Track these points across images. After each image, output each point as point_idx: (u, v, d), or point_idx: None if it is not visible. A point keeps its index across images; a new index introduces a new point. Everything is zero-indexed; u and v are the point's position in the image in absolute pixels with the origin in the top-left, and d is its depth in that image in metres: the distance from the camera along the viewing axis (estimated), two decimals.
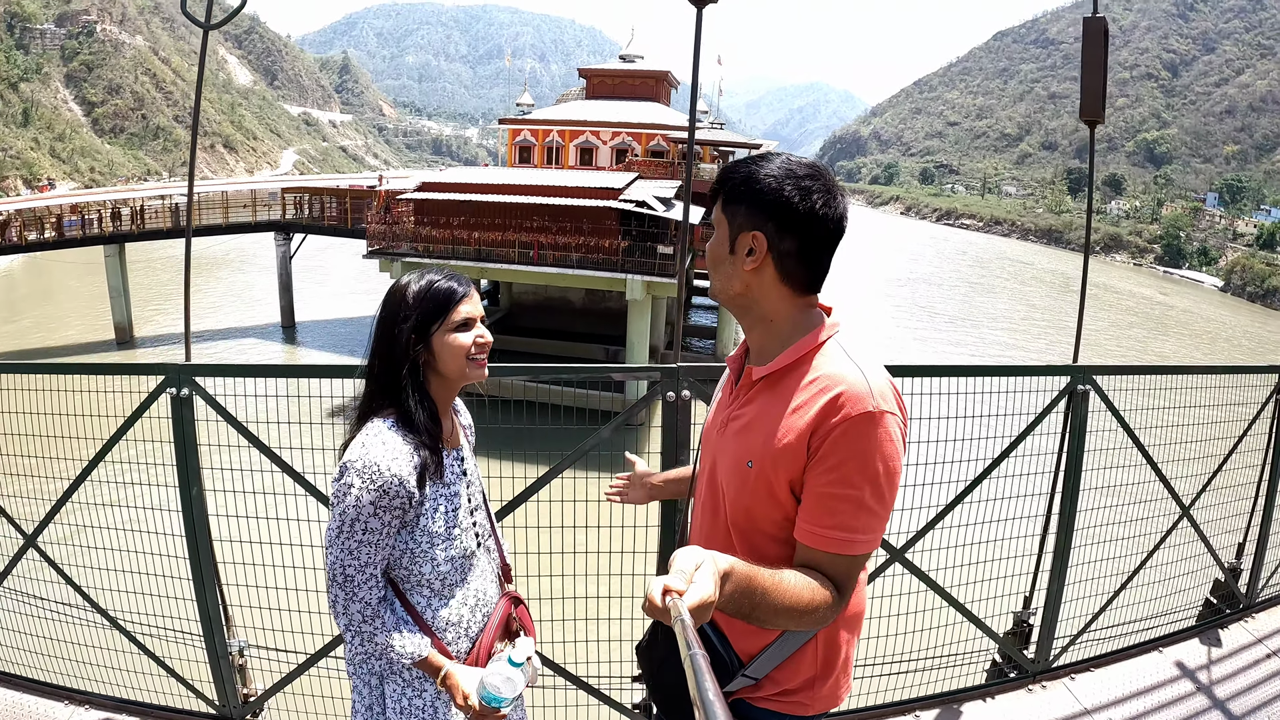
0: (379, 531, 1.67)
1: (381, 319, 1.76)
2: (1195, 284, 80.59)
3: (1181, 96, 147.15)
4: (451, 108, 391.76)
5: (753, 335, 1.57)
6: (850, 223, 1.53)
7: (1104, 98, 3.38)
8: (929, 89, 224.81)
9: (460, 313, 1.76)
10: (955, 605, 3.53)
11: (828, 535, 1.42)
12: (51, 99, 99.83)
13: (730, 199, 1.50)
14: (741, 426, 1.54)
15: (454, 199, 26.12)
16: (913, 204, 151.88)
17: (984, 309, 51.80)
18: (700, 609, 1.08)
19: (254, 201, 34.21)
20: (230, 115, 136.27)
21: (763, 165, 1.47)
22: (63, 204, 33.62)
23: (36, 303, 39.13)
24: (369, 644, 1.72)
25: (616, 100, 38.41)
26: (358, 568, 1.67)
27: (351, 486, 1.65)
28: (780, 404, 1.47)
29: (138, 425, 3.06)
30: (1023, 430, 3.48)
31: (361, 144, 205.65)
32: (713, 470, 1.62)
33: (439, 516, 1.76)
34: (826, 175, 1.48)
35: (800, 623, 1.40)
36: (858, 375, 1.42)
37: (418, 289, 1.75)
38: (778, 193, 1.44)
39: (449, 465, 1.82)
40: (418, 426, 1.73)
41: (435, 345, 1.75)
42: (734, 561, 1.25)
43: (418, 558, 1.75)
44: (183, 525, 3.05)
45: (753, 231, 1.47)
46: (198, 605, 3.11)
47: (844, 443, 1.38)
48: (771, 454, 1.45)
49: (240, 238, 36.92)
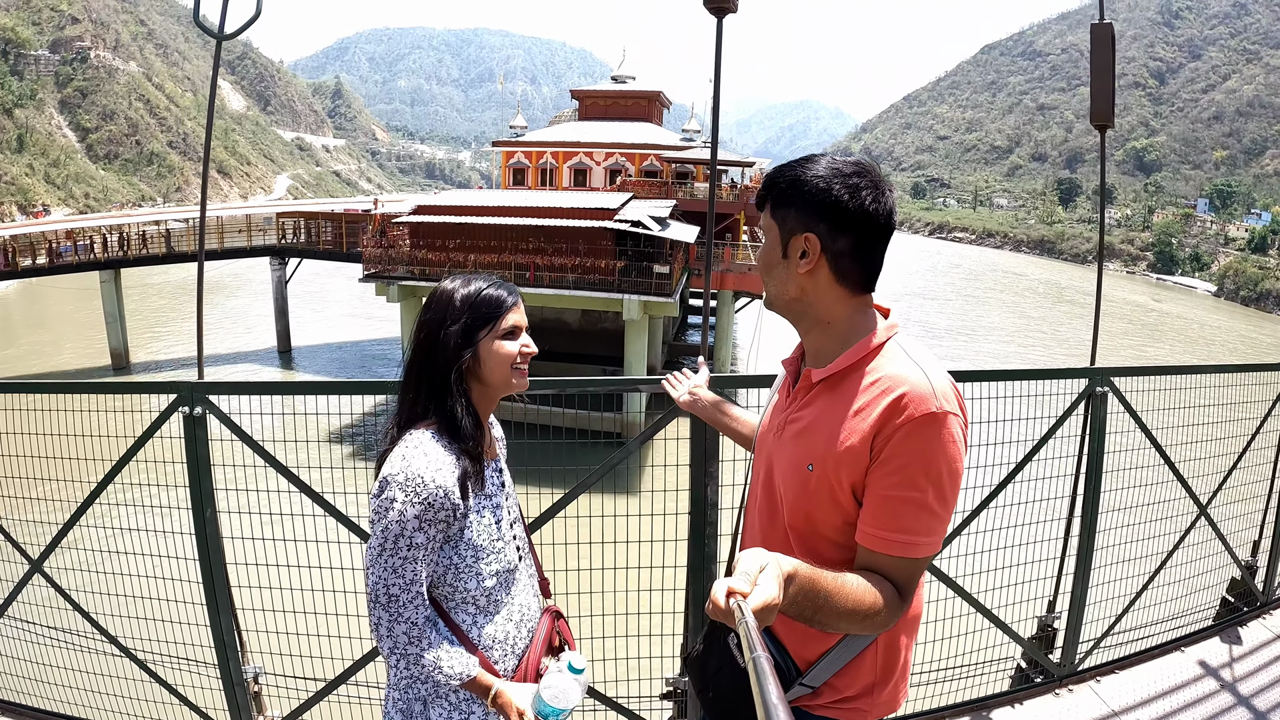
0: (424, 547, 1.61)
1: (426, 322, 1.71)
2: (1188, 290, 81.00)
3: (1169, 104, 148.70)
4: (444, 131, 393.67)
5: (810, 338, 1.55)
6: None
7: (1113, 102, 3.40)
8: (918, 103, 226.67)
9: (509, 320, 1.72)
10: (981, 610, 3.51)
11: (891, 538, 1.39)
12: (46, 125, 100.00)
13: (779, 203, 1.49)
14: (801, 429, 1.52)
15: (449, 221, 26.15)
16: (905, 219, 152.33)
17: (980, 321, 51.94)
18: (764, 611, 1.06)
19: (249, 226, 34.27)
20: (224, 141, 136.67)
21: (809, 167, 1.46)
22: (58, 229, 33.59)
23: (31, 329, 39.01)
24: (415, 667, 1.64)
25: (609, 121, 38.64)
26: (403, 586, 1.60)
27: (394, 501, 1.58)
28: (841, 406, 1.45)
29: (147, 446, 3.02)
30: (1046, 432, 3.48)
31: (355, 168, 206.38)
32: (769, 474, 1.59)
33: (482, 529, 1.71)
34: (874, 171, 1.47)
35: (863, 626, 1.37)
36: (920, 376, 1.40)
37: (467, 293, 1.71)
38: (826, 192, 1.42)
39: (489, 476, 1.77)
40: (463, 434, 1.68)
41: (482, 351, 1.70)
42: (798, 564, 1.23)
43: (462, 573, 1.69)
44: (195, 548, 2.98)
45: (805, 234, 1.45)
46: (212, 631, 3.04)
47: (908, 444, 1.36)
48: (834, 456, 1.42)
49: (235, 262, 36.91)
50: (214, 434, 2.96)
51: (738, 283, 28.59)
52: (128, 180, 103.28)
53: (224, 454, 3.02)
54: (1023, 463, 3.41)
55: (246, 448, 2.96)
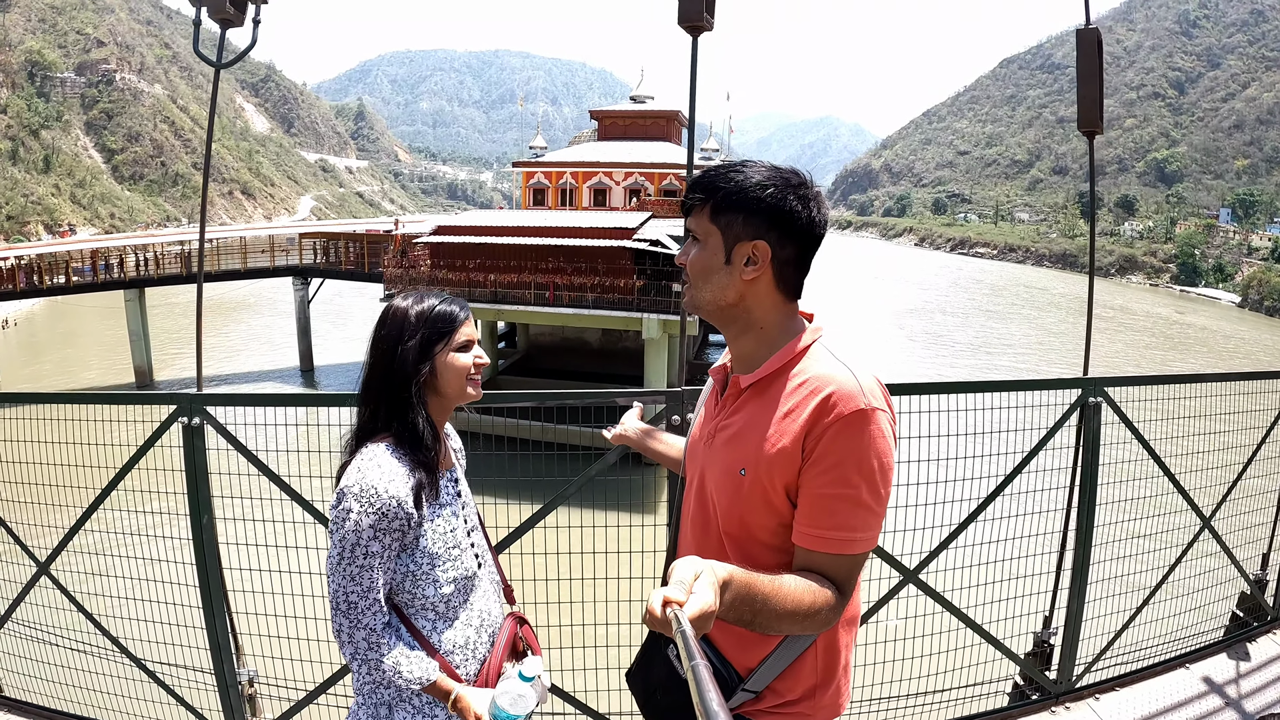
0: (380, 555, 1.67)
1: (382, 338, 1.77)
2: (1212, 301, 79.88)
3: (1189, 114, 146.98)
4: (466, 152, 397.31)
5: (740, 344, 1.57)
6: (863, 255, 1.55)
7: (1101, 107, 3.39)
8: (938, 119, 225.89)
9: (462, 333, 1.79)
10: (973, 627, 3.47)
11: (827, 536, 1.41)
12: (72, 146, 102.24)
13: (724, 208, 1.48)
14: (731, 435, 1.53)
15: (469, 242, 26.38)
16: (926, 234, 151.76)
17: (998, 335, 51.51)
18: (701, 619, 1.07)
19: (272, 246, 34.77)
20: (248, 162, 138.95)
21: (752, 174, 1.47)
22: (83, 249, 34.26)
23: (57, 346, 39.69)
24: (376, 672, 1.69)
25: (628, 141, 38.75)
26: (360, 594, 1.66)
27: (350, 511, 1.65)
28: (770, 409, 1.47)
29: (153, 455, 3.10)
30: (1035, 445, 3.45)
31: (378, 189, 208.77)
32: (701, 483, 1.61)
33: (438, 537, 1.76)
34: (812, 181, 1.51)
35: (803, 626, 1.39)
36: (847, 374, 1.43)
37: (421, 310, 1.77)
38: (781, 203, 1.45)
39: (444, 486, 1.83)
40: (423, 445, 1.74)
41: (438, 365, 1.77)
42: (733, 569, 1.24)
43: (420, 580, 1.74)
44: (193, 554, 3.05)
45: (754, 241, 1.46)
46: (207, 634, 3.11)
47: (839, 442, 1.38)
48: (766, 459, 1.44)
49: (259, 282, 37.37)
50: (214, 444, 3.03)
51: None
52: (152, 201, 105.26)
53: (225, 463, 3.09)
54: (1011, 475, 3.39)
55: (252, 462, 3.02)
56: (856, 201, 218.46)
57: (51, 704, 3.52)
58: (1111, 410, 3.54)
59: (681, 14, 2.95)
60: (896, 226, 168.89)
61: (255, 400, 3.07)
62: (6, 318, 42.02)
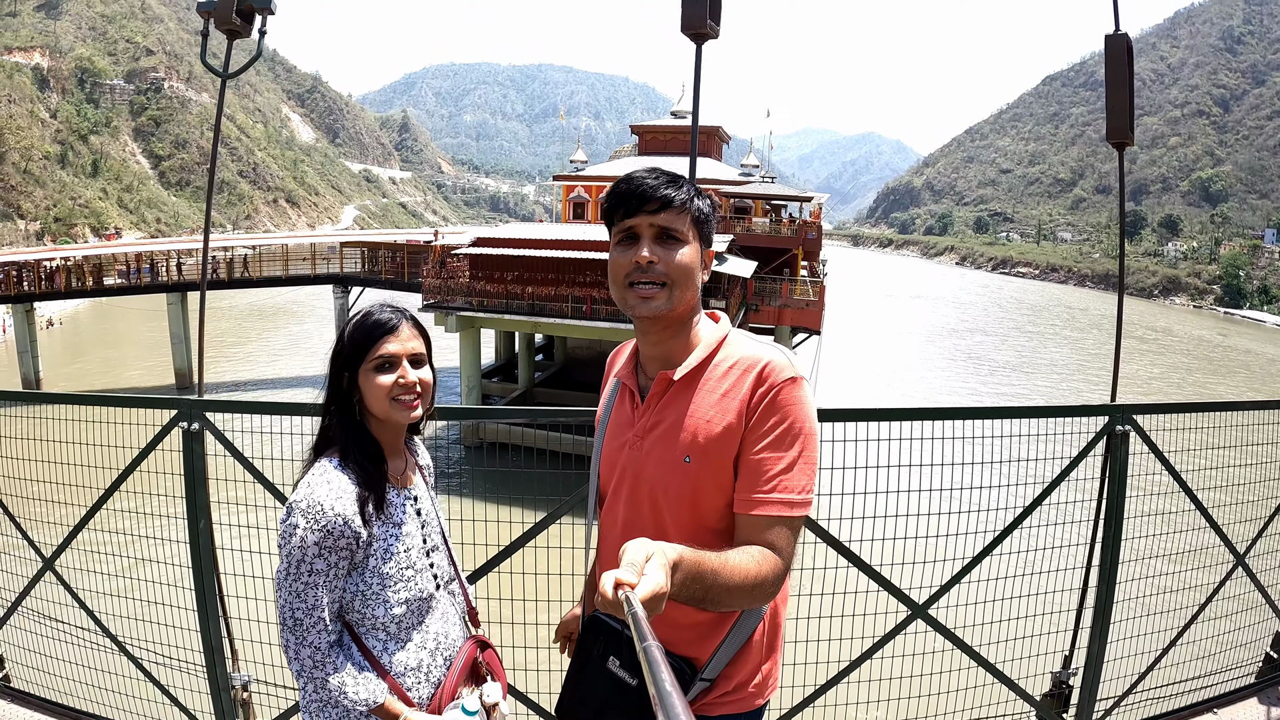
0: (325, 573, 1.62)
1: (331, 355, 1.75)
2: (1257, 324, 77.39)
3: (1234, 132, 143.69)
4: (509, 165, 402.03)
5: (671, 344, 1.62)
6: (904, 274, 1.56)
7: (1132, 117, 3.23)
8: (980, 136, 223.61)
9: (380, 350, 1.70)
10: (986, 666, 3.32)
11: (768, 499, 1.47)
12: (120, 151, 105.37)
13: (699, 214, 1.59)
14: (666, 429, 1.58)
15: (508, 254, 26.54)
16: (968, 253, 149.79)
17: (1036, 356, 50.53)
18: (653, 600, 1.08)
19: (313, 255, 35.34)
20: (293, 171, 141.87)
21: (690, 184, 1.61)
22: (127, 252, 35.10)
23: (100, 346, 40.69)
24: (322, 690, 1.65)
25: (669, 156, 38.74)
26: (305, 611, 1.62)
27: (296, 527, 1.61)
28: (705, 395, 1.55)
29: (156, 457, 3.12)
30: (1056, 476, 3.30)
31: (421, 200, 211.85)
32: (634, 486, 1.62)
33: (389, 557, 1.71)
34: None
35: (753, 597, 1.42)
36: (773, 351, 1.56)
37: (350, 324, 1.74)
38: (713, 213, 1.61)
39: (398, 504, 1.76)
40: (362, 463, 1.70)
41: (361, 384, 1.72)
42: (681, 549, 1.26)
43: (370, 600, 1.69)
44: (189, 557, 3.05)
45: (706, 249, 1.62)
46: (201, 637, 3.11)
47: (777, 407, 1.49)
48: (713, 440, 1.51)
49: (300, 289, 37.94)
50: (216, 449, 3.03)
51: (795, 318, 28.26)
52: (198, 206, 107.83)
53: (224, 469, 3.09)
54: (1031, 507, 3.24)
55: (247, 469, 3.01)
56: (898, 220, 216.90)
57: (56, 697, 3.56)
58: (1140, 439, 3.37)
59: (685, 21, 2.89)
60: (938, 245, 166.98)
61: (255, 408, 3.07)
62: (51, 317, 43.18)
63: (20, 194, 78.81)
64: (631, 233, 1.56)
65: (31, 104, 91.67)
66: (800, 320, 28.34)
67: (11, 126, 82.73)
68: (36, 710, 3.54)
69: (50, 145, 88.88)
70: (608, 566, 1.63)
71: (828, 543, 2.98)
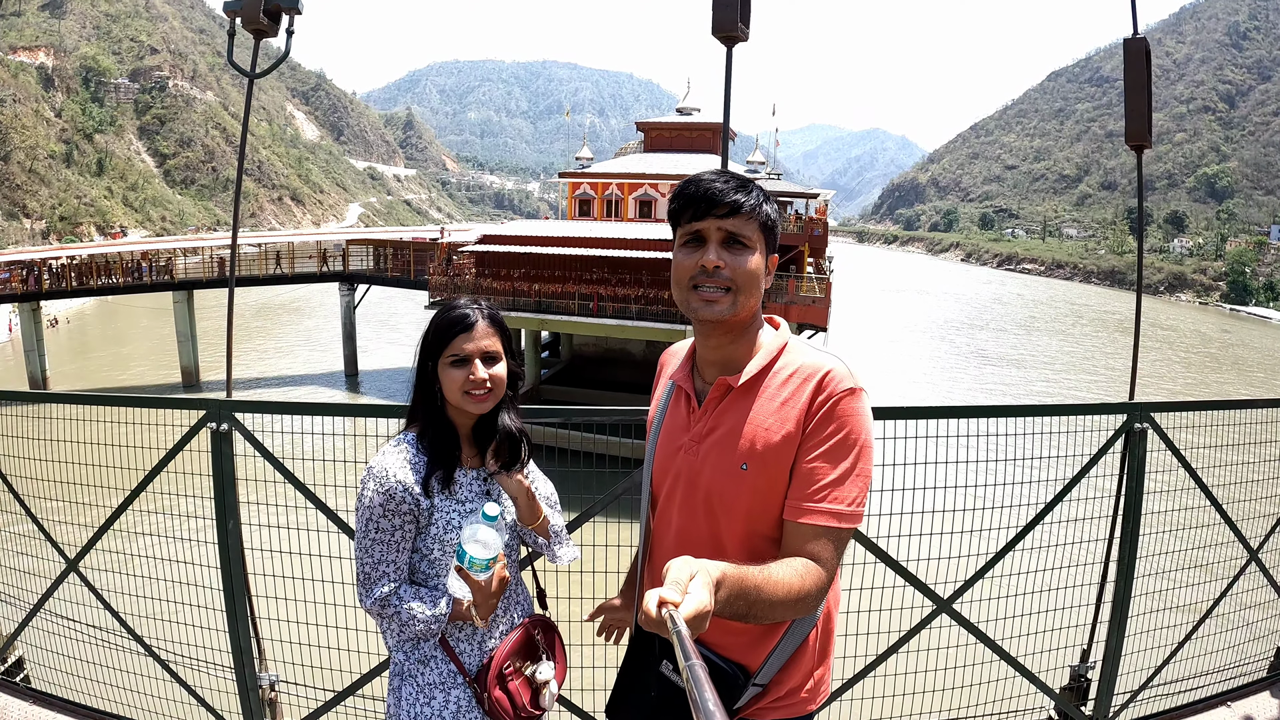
0: (390, 533, 1.78)
1: (421, 340, 1.90)
2: (1263, 320, 77.32)
3: (1240, 128, 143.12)
4: (513, 162, 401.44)
5: (733, 349, 1.62)
6: (910, 270, 1.58)
7: (1150, 120, 3.26)
8: (985, 133, 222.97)
9: (456, 348, 1.83)
10: (1007, 659, 3.35)
11: (818, 507, 1.47)
12: (125, 150, 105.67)
13: (765, 220, 1.57)
14: (724, 435, 1.57)
15: (514, 251, 26.59)
16: (973, 250, 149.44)
17: (1040, 352, 50.42)
18: (696, 619, 1.08)
19: (320, 252, 35.41)
20: (298, 169, 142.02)
21: (763, 189, 1.59)
22: (134, 250, 35.21)
23: (107, 344, 40.78)
24: (393, 623, 1.80)
25: (674, 153, 38.64)
26: (372, 565, 1.79)
27: (367, 488, 1.79)
28: (765, 403, 1.54)
29: (183, 458, 3.14)
30: (1077, 473, 3.32)
31: (425, 198, 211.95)
32: (689, 490, 1.62)
33: (449, 528, 1.84)
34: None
35: (797, 609, 1.42)
36: (834, 360, 1.54)
37: (434, 318, 1.88)
38: (780, 220, 1.61)
39: (466, 484, 1.89)
40: (438, 443, 1.84)
41: (440, 375, 1.85)
42: (724, 567, 1.26)
43: (435, 564, 1.85)
44: (218, 558, 3.07)
45: (772, 255, 1.61)
46: (230, 638, 3.13)
47: (833, 418, 1.48)
48: (771, 449, 1.50)
49: (307, 285, 38.06)
50: (242, 450, 3.05)
51: (802, 315, 28.25)
52: (203, 205, 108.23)
53: (253, 469, 3.12)
54: (1052, 503, 3.27)
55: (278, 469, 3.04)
56: (903, 216, 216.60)
57: (77, 698, 3.58)
58: (1158, 436, 3.40)
59: (715, 24, 2.92)
60: (943, 242, 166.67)
61: (284, 408, 3.08)
62: (57, 315, 43.32)
63: (26, 193, 79.05)
64: (698, 236, 1.55)
65: (36, 103, 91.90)
66: (807, 317, 28.32)
67: (17, 125, 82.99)
68: (58, 711, 3.54)
69: (55, 144, 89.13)
70: (659, 571, 1.68)
71: (854, 538, 3.01)
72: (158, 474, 3.17)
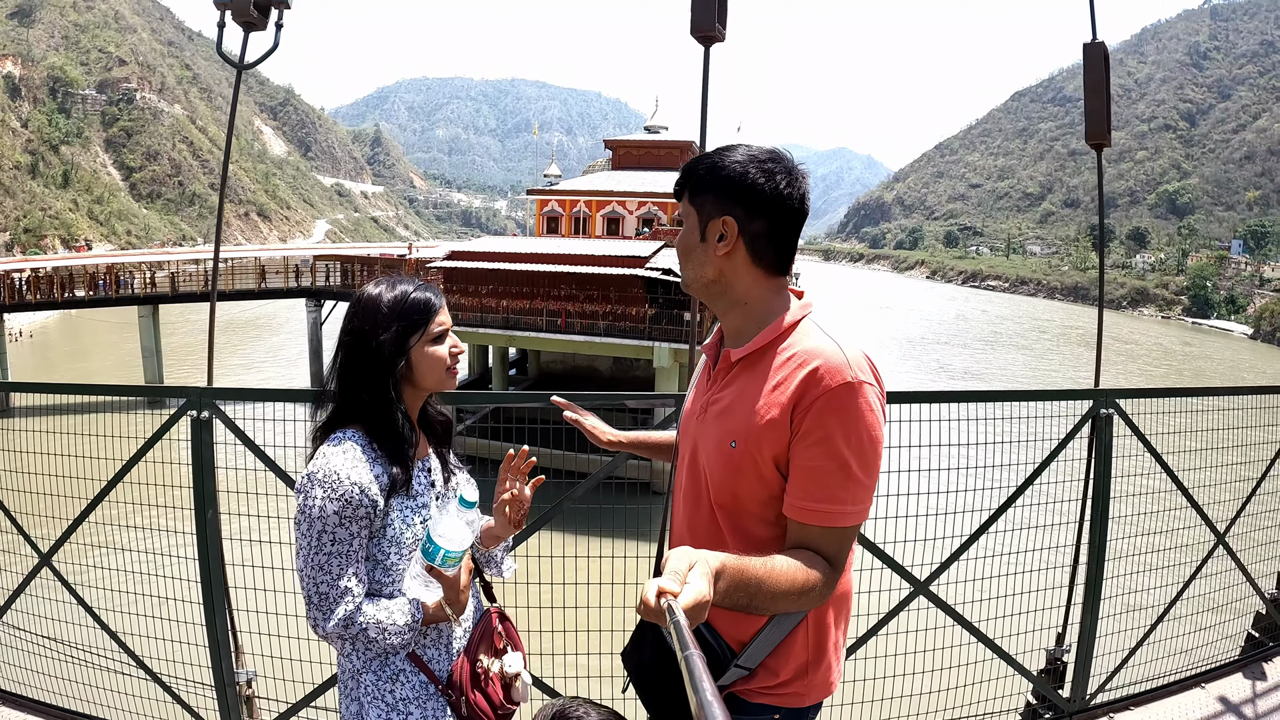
0: (348, 542, 1.61)
1: (354, 330, 1.69)
2: (1224, 333, 79.50)
3: (1200, 145, 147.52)
4: (481, 180, 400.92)
5: (729, 319, 1.60)
6: (874, 287, 1.56)
7: (1109, 121, 3.41)
8: (950, 152, 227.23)
9: (438, 323, 1.73)
10: (985, 641, 3.41)
11: (818, 509, 1.43)
12: (91, 163, 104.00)
13: (698, 189, 1.54)
14: (722, 409, 1.55)
15: (482, 267, 26.49)
16: (938, 267, 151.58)
17: (1004, 366, 51.27)
18: (695, 609, 1.07)
19: (286, 268, 35.09)
20: (265, 184, 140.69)
21: (726, 155, 1.52)
22: (99, 264, 34.69)
23: (71, 359, 40.02)
24: (364, 642, 1.66)
25: (642, 170, 38.84)
26: (329, 583, 1.60)
27: (315, 497, 1.59)
28: (759, 382, 1.49)
29: (159, 449, 3.10)
30: (1046, 456, 3.41)
31: (393, 215, 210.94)
32: (693, 456, 1.62)
33: (406, 529, 1.70)
34: (787, 158, 1.53)
35: (799, 604, 1.40)
36: (834, 348, 1.45)
37: (393, 298, 1.70)
38: (744, 177, 1.48)
39: (417, 477, 1.76)
40: (399, 439, 1.70)
41: (414, 358, 1.71)
42: (725, 558, 1.25)
43: (389, 570, 1.70)
44: (196, 549, 3.04)
45: (722, 217, 1.51)
46: (207, 633, 3.08)
47: (827, 415, 1.41)
48: (755, 430, 1.46)
49: (272, 302, 37.71)
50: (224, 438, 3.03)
51: None
52: (169, 219, 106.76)
53: (231, 459, 3.09)
54: (1024, 486, 3.35)
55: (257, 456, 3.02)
56: (869, 234, 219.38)
57: (46, 698, 3.50)
58: (1124, 423, 3.50)
59: (694, 25, 2.98)
60: (909, 259, 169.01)
61: (264, 395, 3.09)
62: (20, 329, 42.47)
63: None
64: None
65: (2, 112, 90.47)
66: None
67: None
68: (27, 712, 3.47)
69: (21, 155, 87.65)
70: (676, 527, 1.67)
71: None
72: (136, 462, 3.12)
